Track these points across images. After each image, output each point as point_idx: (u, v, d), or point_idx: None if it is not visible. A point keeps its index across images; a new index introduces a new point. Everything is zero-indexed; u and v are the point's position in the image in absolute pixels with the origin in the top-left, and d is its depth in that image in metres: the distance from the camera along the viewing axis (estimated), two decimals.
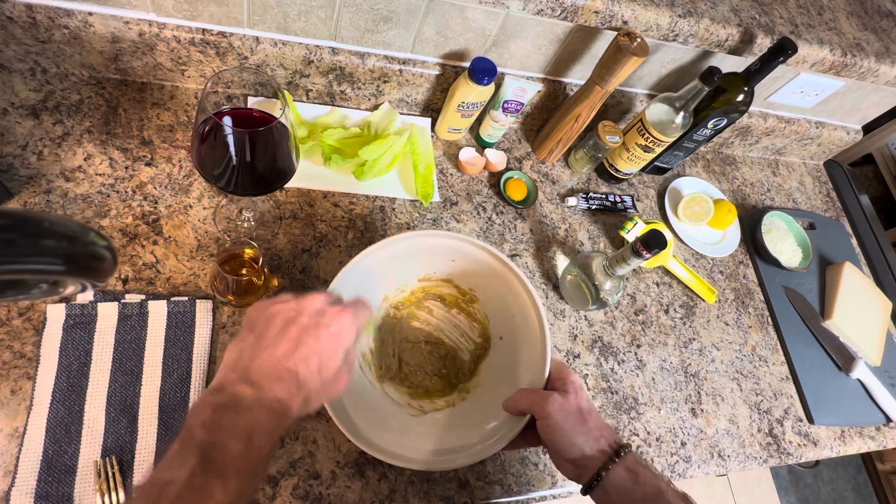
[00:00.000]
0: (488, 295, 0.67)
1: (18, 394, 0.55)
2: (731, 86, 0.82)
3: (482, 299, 0.68)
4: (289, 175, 0.61)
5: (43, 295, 0.39)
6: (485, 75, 0.75)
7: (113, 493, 0.53)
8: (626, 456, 0.50)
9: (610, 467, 0.49)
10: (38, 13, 0.64)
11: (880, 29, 0.97)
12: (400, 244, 0.61)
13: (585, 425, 0.52)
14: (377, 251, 0.59)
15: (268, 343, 0.42)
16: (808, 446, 0.85)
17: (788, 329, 0.94)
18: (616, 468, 0.49)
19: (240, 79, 0.73)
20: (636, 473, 0.49)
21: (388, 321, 0.68)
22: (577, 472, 0.51)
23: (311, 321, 0.43)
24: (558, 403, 0.52)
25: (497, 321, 0.67)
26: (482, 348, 0.68)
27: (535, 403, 0.53)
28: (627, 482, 0.49)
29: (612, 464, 0.49)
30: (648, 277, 0.90)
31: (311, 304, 0.44)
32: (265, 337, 0.42)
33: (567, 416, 0.51)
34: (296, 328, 0.42)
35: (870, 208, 1.20)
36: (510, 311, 0.64)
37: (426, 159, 0.83)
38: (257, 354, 0.41)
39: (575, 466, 0.51)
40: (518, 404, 0.55)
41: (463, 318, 0.70)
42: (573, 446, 0.50)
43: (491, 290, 0.66)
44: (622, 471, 0.49)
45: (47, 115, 0.69)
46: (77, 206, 0.66)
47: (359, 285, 0.59)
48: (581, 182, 0.95)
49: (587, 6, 0.72)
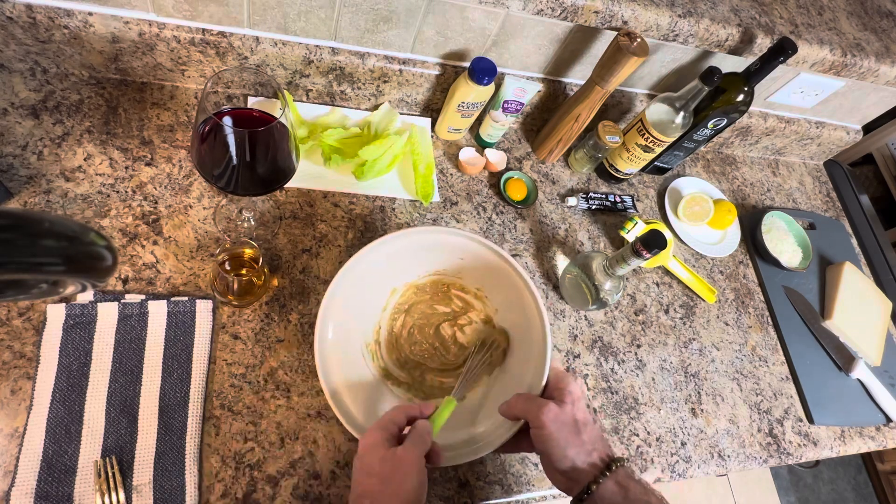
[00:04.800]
0: (493, 295, 0.68)
1: (18, 394, 0.55)
2: (731, 86, 0.82)
3: (490, 298, 0.68)
4: (289, 175, 0.61)
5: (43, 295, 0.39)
6: (485, 75, 0.75)
7: (113, 493, 0.53)
8: (617, 470, 0.50)
9: (601, 481, 0.49)
10: (38, 13, 0.64)
11: (880, 29, 0.97)
12: (410, 238, 0.62)
13: (579, 437, 0.51)
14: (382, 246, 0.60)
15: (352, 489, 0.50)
16: (808, 446, 0.85)
17: (788, 329, 0.94)
18: (606, 482, 0.49)
19: (240, 79, 0.73)
20: (626, 488, 0.49)
21: (394, 316, 0.68)
22: (568, 485, 0.51)
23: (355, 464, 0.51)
24: (553, 413, 0.51)
25: (500, 322, 0.68)
26: (485, 349, 0.68)
27: (530, 411, 0.53)
28: (617, 497, 0.48)
29: (603, 478, 0.49)
30: (648, 277, 0.90)
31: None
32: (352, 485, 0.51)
33: (561, 428, 0.51)
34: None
35: (870, 208, 1.20)
36: (513, 315, 0.65)
37: (426, 159, 0.83)
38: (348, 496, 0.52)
39: (566, 479, 0.51)
40: (513, 409, 0.55)
41: (470, 316, 0.70)
42: (565, 458, 0.50)
43: (496, 291, 0.67)
44: (612, 485, 0.49)
45: (47, 115, 0.69)
46: (77, 206, 0.65)
47: (365, 277, 0.60)
48: (581, 182, 0.95)
49: (587, 6, 0.72)
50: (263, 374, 0.63)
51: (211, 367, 0.62)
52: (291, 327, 0.67)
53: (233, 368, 0.63)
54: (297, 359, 0.65)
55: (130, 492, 0.54)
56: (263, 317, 0.66)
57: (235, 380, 0.62)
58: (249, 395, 0.62)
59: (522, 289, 0.62)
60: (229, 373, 0.62)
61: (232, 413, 0.60)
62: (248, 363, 0.63)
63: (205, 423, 0.59)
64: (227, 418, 0.60)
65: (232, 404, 0.61)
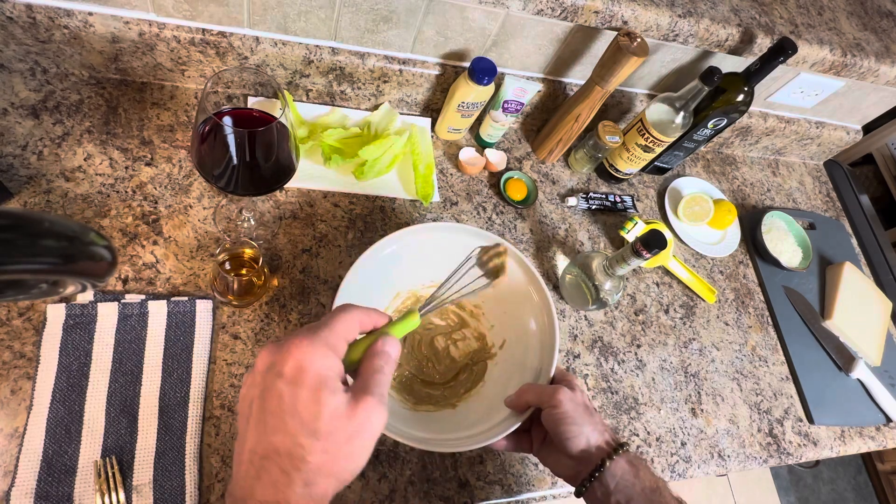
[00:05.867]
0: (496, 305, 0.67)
1: (18, 394, 0.55)
2: (731, 86, 0.82)
3: (488, 311, 0.68)
4: (289, 175, 0.61)
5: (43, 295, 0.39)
6: (485, 75, 0.75)
7: (113, 493, 0.53)
8: (627, 451, 0.51)
9: (614, 457, 0.50)
10: (38, 13, 0.64)
11: (880, 29, 0.97)
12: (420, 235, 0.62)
13: (592, 417, 0.53)
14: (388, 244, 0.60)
15: (240, 440, 0.33)
16: (808, 446, 0.85)
17: (788, 329, 0.94)
18: (619, 459, 0.50)
19: (240, 79, 0.73)
20: (637, 468, 0.50)
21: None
22: (577, 468, 0.52)
23: (266, 382, 0.33)
24: (568, 394, 0.53)
25: (505, 325, 0.67)
26: (484, 359, 0.68)
27: (545, 392, 0.53)
28: (628, 475, 0.49)
29: (616, 455, 0.50)
30: (648, 277, 0.90)
31: (260, 362, 0.34)
32: (241, 435, 0.34)
33: (576, 407, 0.52)
34: (256, 402, 0.33)
35: (870, 208, 1.20)
36: (516, 321, 0.65)
37: (426, 159, 0.83)
38: (237, 459, 0.33)
39: (576, 461, 0.52)
40: (524, 396, 0.55)
41: (469, 328, 0.70)
42: (581, 435, 0.51)
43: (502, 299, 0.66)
44: (624, 463, 0.50)
45: (47, 115, 0.69)
46: (77, 206, 0.65)
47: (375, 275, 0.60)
48: (581, 182, 0.95)
49: (587, 6, 0.72)
50: None
51: (211, 367, 0.62)
52: (291, 327, 0.67)
53: (233, 368, 0.63)
54: None
55: (130, 492, 0.54)
56: (263, 317, 0.66)
57: (235, 380, 0.62)
58: None
59: (531, 290, 0.63)
60: (229, 373, 0.62)
61: (232, 413, 0.60)
62: (248, 363, 0.63)
63: (205, 423, 0.59)
64: (227, 418, 0.60)
65: (232, 404, 0.61)
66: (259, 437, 0.32)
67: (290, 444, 0.31)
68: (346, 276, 0.57)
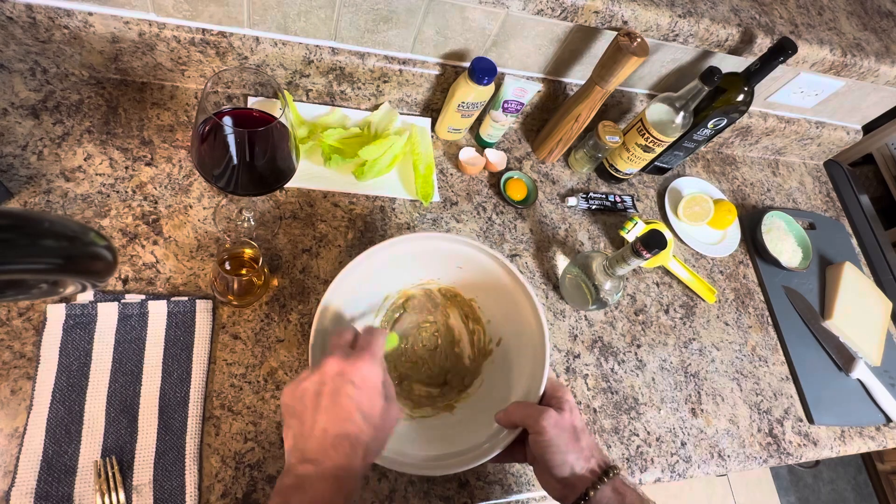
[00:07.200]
0: (490, 304, 0.66)
1: (18, 394, 0.55)
2: (731, 86, 0.82)
3: (483, 308, 0.67)
4: (289, 175, 0.61)
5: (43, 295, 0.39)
6: (485, 75, 0.75)
7: (113, 493, 0.53)
8: (614, 477, 0.50)
9: (598, 487, 0.49)
10: (38, 13, 0.64)
11: (880, 29, 0.97)
12: (407, 245, 0.60)
13: (578, 444, 0.52)
14: (380, 252, 0.58)
15: (310, 421, 0.45)
16: (808, 446, 0.85)
17: (788, 329, 0.94)
18: (604, 488, 0.49)
19: (240, 79, 0.73)
20: (623, 495, 0.49)
21: (384, 325, 0.68)
22: (564, 493, 0.51)
23: (336, 384, 0.46)
24: (553, 419, 0.51)
25: (496, 331, 0.67)
26: (479, 359, 0.68)
27: (530, 417, 0.52)
28: (613, 503, 0.49)
29: (601, 484, 0.49)
30: (648, 277, 0.90)
31: (329, 368, 0.46)
32: (305, 417, 0.45)
33: (561, 433, 0.51)
34: (326, 397, 0.45)
35: (870, 208, 1.20)
36: (511, 324, 0.64)
37: (426, 159, 0.83)
38: (308, 434, 0.45)
39: (562, 486, 0.51)
40: (512, 417, 0.54)
41: (462, 327, 0.69)
42: (564, 464, 0.50)
43: (494, 301, 0.65)
44: (609, 491, 0.49)
45: (47, 115, 0.69)
46: (77, 206, 0.66)
47: (361, 284, 0.59)
48: (581, 182, 0.95)
49: (587, 6, 0.72)
50: (263, 375, 0.63)
51: (211, 367, 0.62)
52: (291, 327, 0.67)
53: (233, 368, 0.63)
54: (296, 359, 0.65)
55: (130, 492, 0.54)
56: (263, 317, 0.66)
57: (235, 380, 0.62)
58: (249, 395, 0.62)
59: (522, 298, 0.61)
60: (229, 373, 0.62)
61: (232, 413, 0.60)
62: (248, 363, 0.63)
63: (205, 423, 0.59)
64: (227, 418, 0.60)
65: (232, 404, 0.61)
66: (332, 422, 0.44)
67: (356, 430, 0.45)
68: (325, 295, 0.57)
